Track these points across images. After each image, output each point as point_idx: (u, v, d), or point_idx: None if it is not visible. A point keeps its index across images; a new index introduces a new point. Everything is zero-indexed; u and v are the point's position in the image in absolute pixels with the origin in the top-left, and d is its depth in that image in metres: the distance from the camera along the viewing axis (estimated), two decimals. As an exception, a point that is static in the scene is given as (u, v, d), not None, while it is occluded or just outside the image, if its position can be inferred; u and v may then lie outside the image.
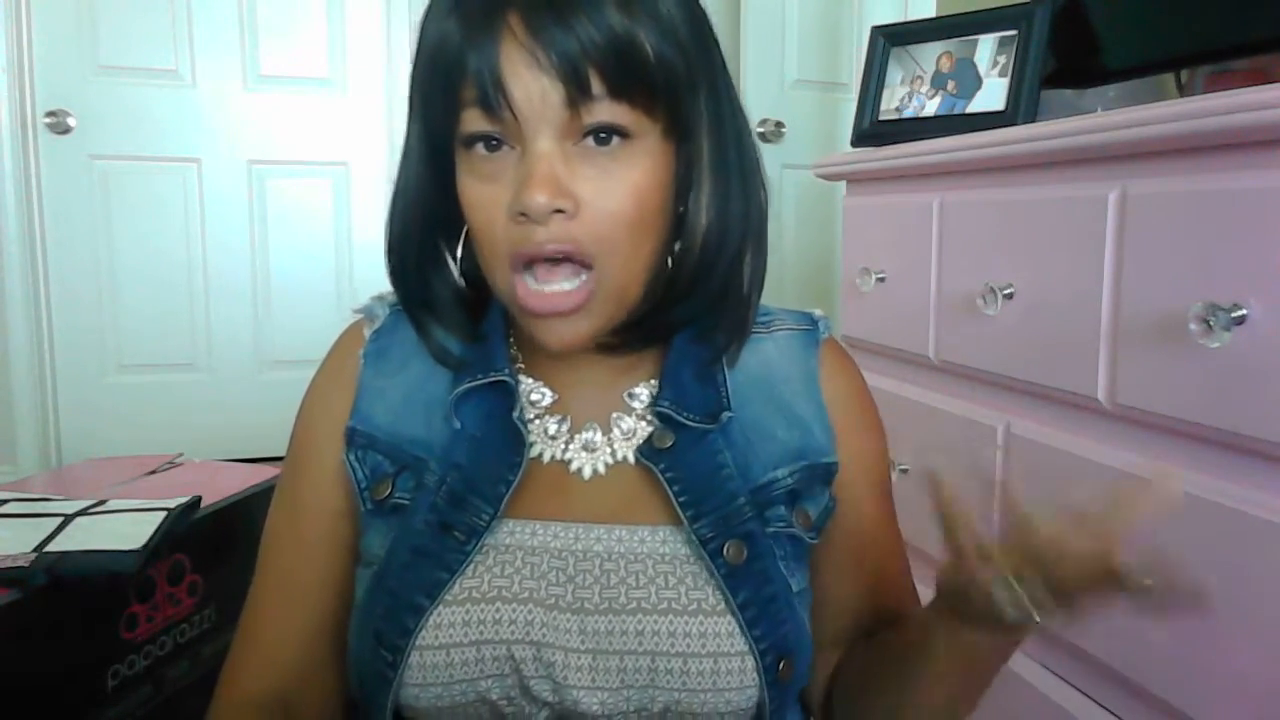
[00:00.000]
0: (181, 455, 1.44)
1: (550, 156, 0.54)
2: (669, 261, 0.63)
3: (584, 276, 0.57)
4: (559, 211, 0.54)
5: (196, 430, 2.68)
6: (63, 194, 2.63)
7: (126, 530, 1.01)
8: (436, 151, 0.60)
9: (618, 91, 0.54)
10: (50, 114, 2.58)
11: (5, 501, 1.10)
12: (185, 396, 2.78)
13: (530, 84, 0.53)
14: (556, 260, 0.56)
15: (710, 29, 0.61)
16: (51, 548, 0.95)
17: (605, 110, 0.54)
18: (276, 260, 2.84)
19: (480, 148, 0.56)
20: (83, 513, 1.06)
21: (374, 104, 2.88)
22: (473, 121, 0.55)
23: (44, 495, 1.17)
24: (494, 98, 0.53)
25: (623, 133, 0.55)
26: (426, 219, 0.63)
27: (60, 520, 1.03)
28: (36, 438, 2.65)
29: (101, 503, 1.09)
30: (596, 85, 0.53)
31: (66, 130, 2.60)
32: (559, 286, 0.56)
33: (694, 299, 0.62)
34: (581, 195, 0.55)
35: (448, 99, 0.56)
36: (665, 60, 0.55)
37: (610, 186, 0.55)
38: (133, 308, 2.72)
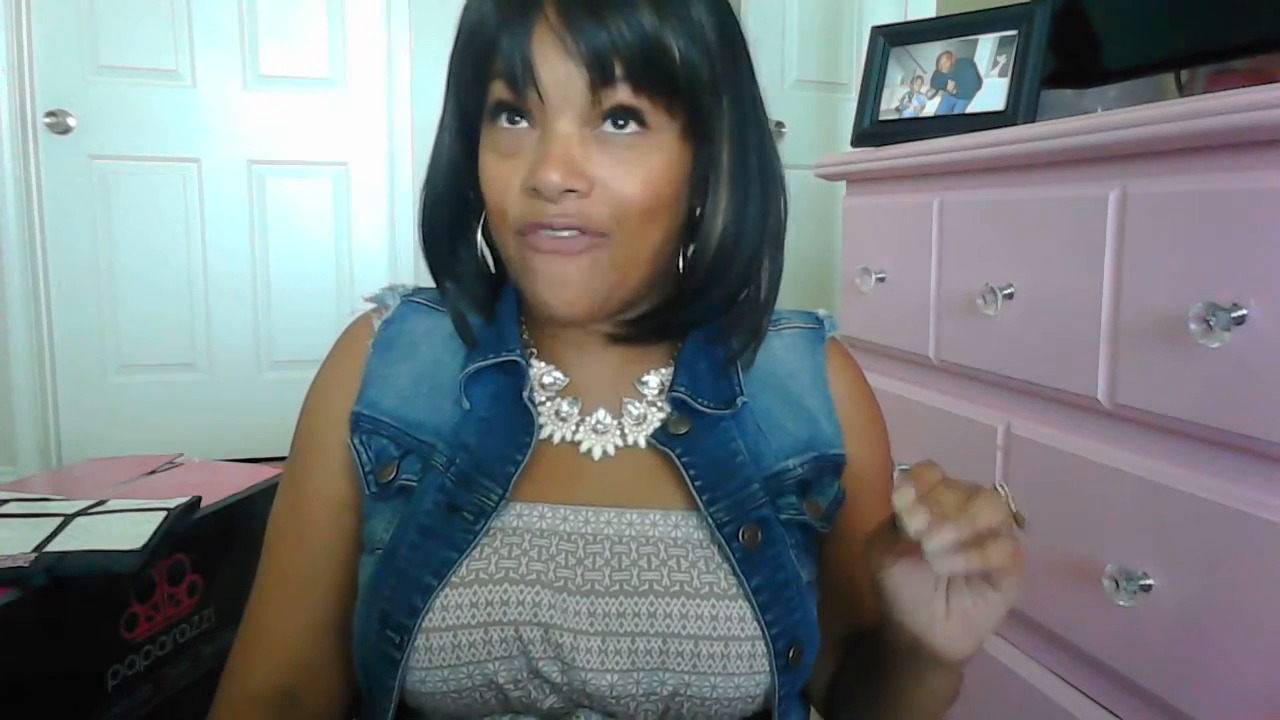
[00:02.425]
0: (181, 455, 1.44)
1: (568, 139, 0.56)
2: (680, 261, 0.64)
3: (591, 237, 0.58)
4: (571, 191, 0.56)
5: (196, 430, 2.69)
6: (63, 194, 2.63)
7: (126, 530, 1.00)
8: (467, 129, 0.62)
9: (640, 85, 0.56)
10: (50, 114, 2.58)
11: (5, 501, 1.10)
12: (185, 396, 2.78)
13: (557, 67, 0.55)
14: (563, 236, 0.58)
15: (741, 39, 0.62)
16: (51, 548, 0.95)
17: (627, 99, 0.56)
18: (276, 260, 2.84)
19: (504, 120, 0.58)
20: (83, 513, 1.05)
21: (374, 104, 2.88)
22: (500, 99, 0.58)
23: (44, 495, 1.16)
24: (521, 78, 0.56)
25: (640, 119, 0.57)
26: (456, 193, 0.65)
27: (60, 520, 1.02)
28: (36, 438, 2.65)
29: (101, 503, 1.09)
30: (621, 75, 0.55)
31: (66, 130, 2.60)
32: (565, 235, 0.58)
33: (706, 300, 0.64)
34: (595, 177, 0.57)
35: (479, 76, 0.58)
36: (691, 63, 0.57)
37: (624, 172, 0.57)
38: (133, 308, 2.72)
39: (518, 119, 0.58)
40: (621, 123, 0.57)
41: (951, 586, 0.54)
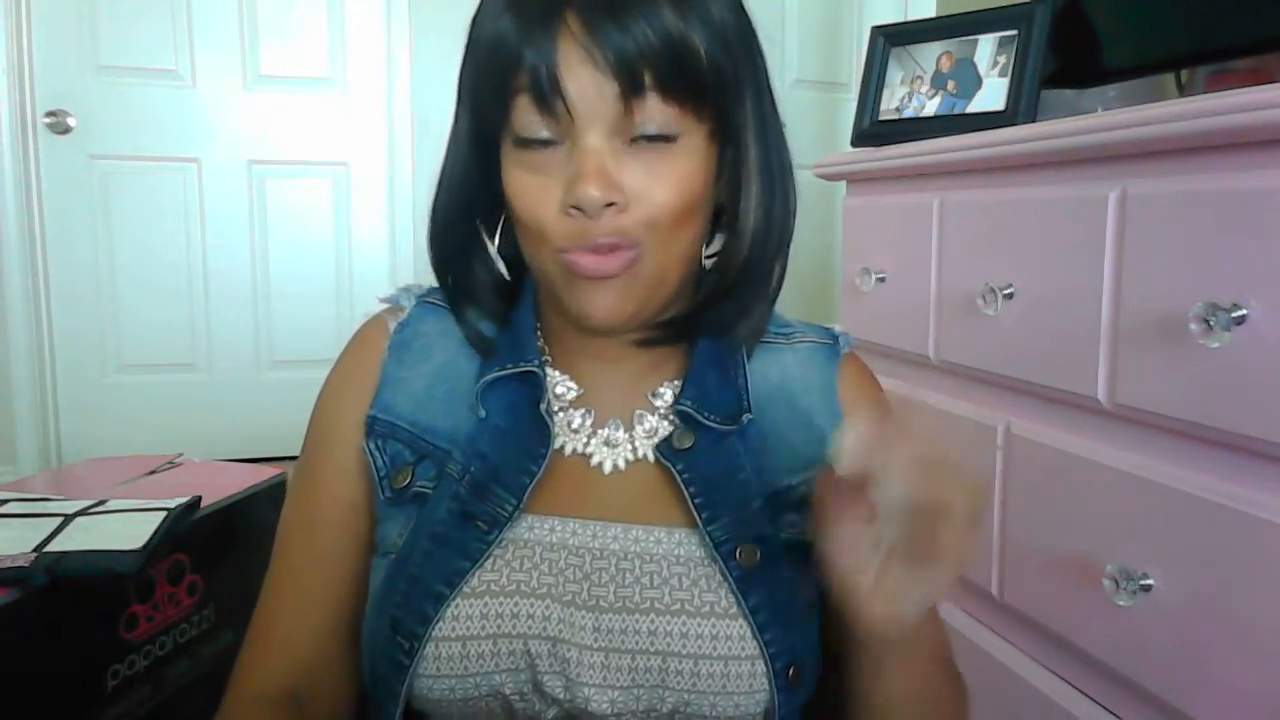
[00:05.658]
0: (181, 455, 1.44)
1: (600, 152, 0.55)
2: (703, 260, 0.64)
3: (628, 252, 0.57)
4: (610, 205, 0.55)
5: (196, 430, 2.69)
6: (63, 194, 2.63)
7: (126, 530, 1.00)
8: (483, 141, 0.61)
9: (669, 91, 0.55)
10: (50, 114, 2.58)
11: (5, 501, 1.10)
12: (185, 396, 2.78)
13: (585, 80, 0.54)
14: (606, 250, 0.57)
15: (756, 36, 0.62)
16: (51, 548, 0.95)
17: (656, 111, 0.55)
18: (276, 260, 2.84)
19: (533, 145, 0.57)
20: (83, 513, 1.05)
21: (374, 104, 2.87)
22: (525, 115, 0.56)
23: (44, 495, 1.16)
24: (549, 93, 0.54)
25: (670, 138, 0.56)
26: (469, 205, 0.64)
27: (60, 520, 1.02)
28: (36, 438, 2.65)
29: (101, 503, 1.09)
30: (650, 85, 0.54)
31: (66, 130, 2.60)
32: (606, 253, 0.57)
33: (736, 297, 0.64)
34: (630, 188, 0.56)
35: (499, 92, 0.57)
36: (716, 63, 0.56)
37: (656, 182, 0.56)
38: (133, 308, 2.72)
39: (545, 138, 0.56)
40: (652, 140, 0.56)
41: (885, 563, 0.51)
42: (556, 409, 0.65)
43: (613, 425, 0.65)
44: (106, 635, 1.00)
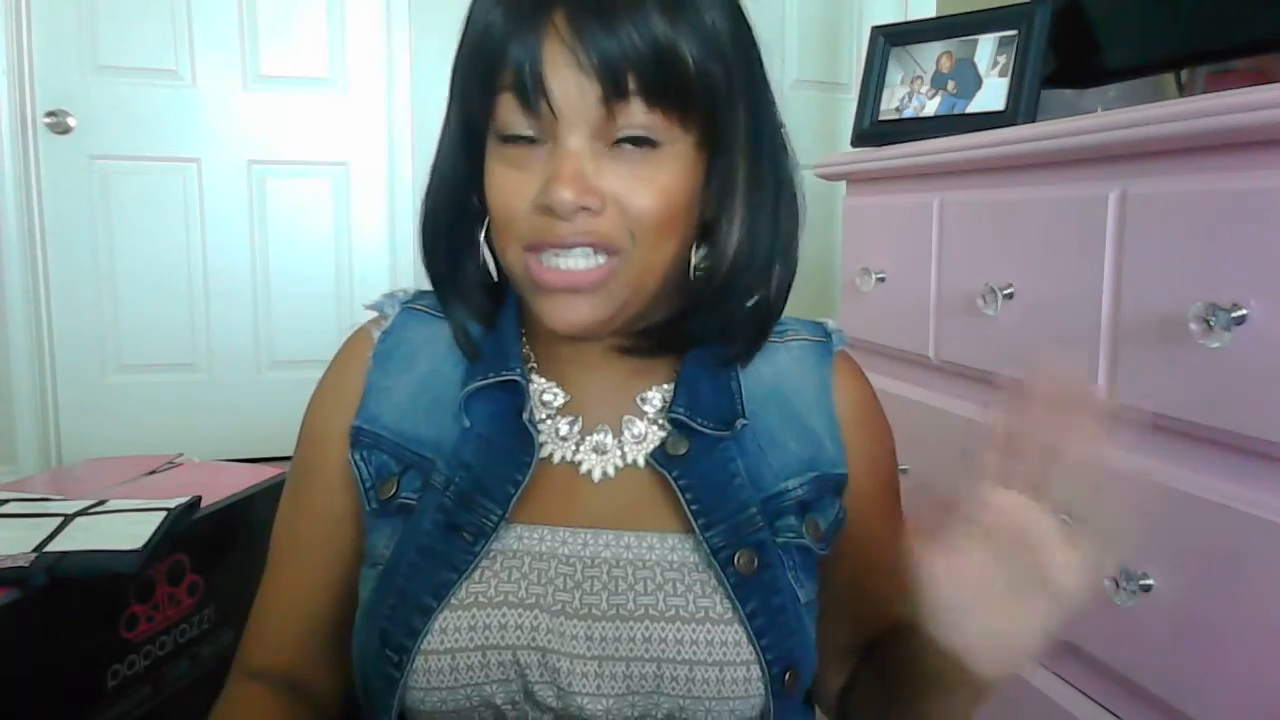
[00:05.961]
0: (181, 455, 1.44)
1: (580, 155, 0.55)
2: (691, 271, 0.63)
3: (604, 258, 0.57)
4: (583, 209, 0.55)
5: (196, 430, 2.69)
6: (63, 194, 2.63)
7: (126, 530, 1.00)
8: (471, 136, 0.61)
9: (654, 98, 0.54)
10: (50, 114, 2.58)
11: (5, 501, 1.10)
12: (185, 396, 2.78)
13: (569, 81, 0.54)
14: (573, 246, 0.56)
15: (755, 46, 0.61)
16: (51, 548, 0.95)
17: (640, 115, 0.54)
18: (276, 260, 2.84)
19: (514, 141, 0.57)
20: (83, 513, 1.05)
21: (374, 104, 2.87)
22: (508, 112, 0.56)
23: (44, 495, 1.16)
24: (532, 92, 0.54)
25: (653, 143, 0.56)
26: (458, 201, 0.64)
27: (60, 520, 1.02)
28: (36, 438, 2.65)
29: (101, 503, 1.09)
30: (634, 90, 0.54)
31: (66, 130, 2.60)
32: (575, 263, 0.56)
33: (718, 311, 0.63)
34: (608, 192, 0.55)
35: (485, 86, 0.56)
36: (705, 72, 0.56)
37: (637, 186, 0.56)
38: (133, 308, 2.72)
39: (527, 135, 0.56)
40: (635, 143, 0.56)
41: (1007, 601, 0.49)
42: (544, 416, 0.65)
43: (601, 432, 0.64)
44: (106, 635, 1.00)
